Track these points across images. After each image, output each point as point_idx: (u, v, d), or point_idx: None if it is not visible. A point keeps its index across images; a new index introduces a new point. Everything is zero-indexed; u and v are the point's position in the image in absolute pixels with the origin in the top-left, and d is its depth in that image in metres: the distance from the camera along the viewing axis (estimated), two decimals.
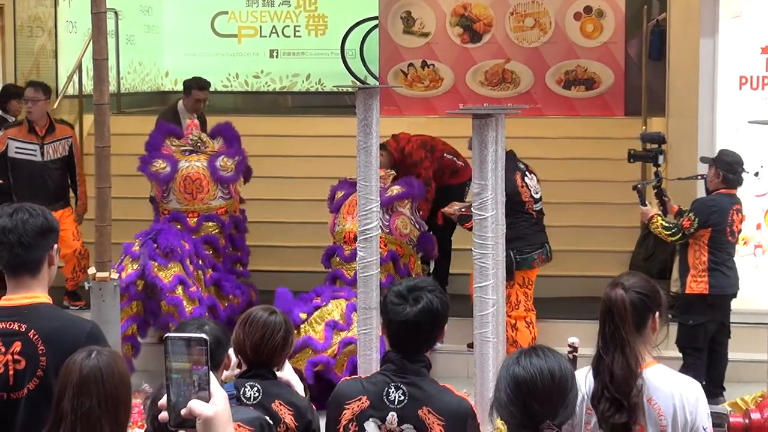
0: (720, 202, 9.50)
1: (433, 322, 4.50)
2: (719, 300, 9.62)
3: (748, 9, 11.06)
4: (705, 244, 9.49)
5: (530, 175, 9.85)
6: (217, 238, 10.54)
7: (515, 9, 14.93)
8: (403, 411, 4.38)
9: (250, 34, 17.99)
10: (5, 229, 4.87)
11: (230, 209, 10.71)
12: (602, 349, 4.63)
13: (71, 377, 4.13)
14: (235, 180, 10.71)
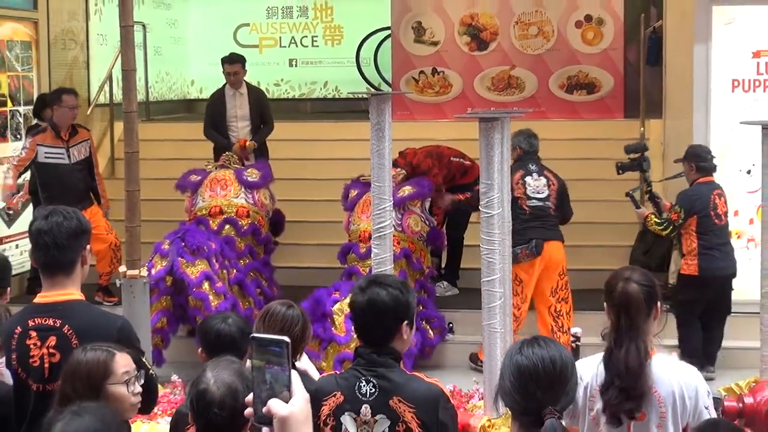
0: (700, 190, 9.88)
1: (379, 314, 4.40)
2: (709, 281, 9.86)
3: (740, 16, 11.05)
4: (694, 231, 9.82)
5: (538, 176, 9.85)
6: (235, 240, 10.53)
7: (520, 18, 14.93)
8: (374, 402, 4.35)
9: (270, 44, 18.00)
10: (41, 231, 4.89)
11: (253, 217, 10.71)
12: (615, 341, 4.64)
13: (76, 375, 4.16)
14: (259, 186, 10.73)
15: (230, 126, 11.82)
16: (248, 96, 12.00)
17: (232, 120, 11.86)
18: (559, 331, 9.59)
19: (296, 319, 5.44)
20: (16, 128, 12.42)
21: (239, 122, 11.81)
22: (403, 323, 4.44)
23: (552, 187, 9.84)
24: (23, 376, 4.92)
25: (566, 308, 9.88)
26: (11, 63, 12.36)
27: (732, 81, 11.02)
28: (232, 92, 11.99)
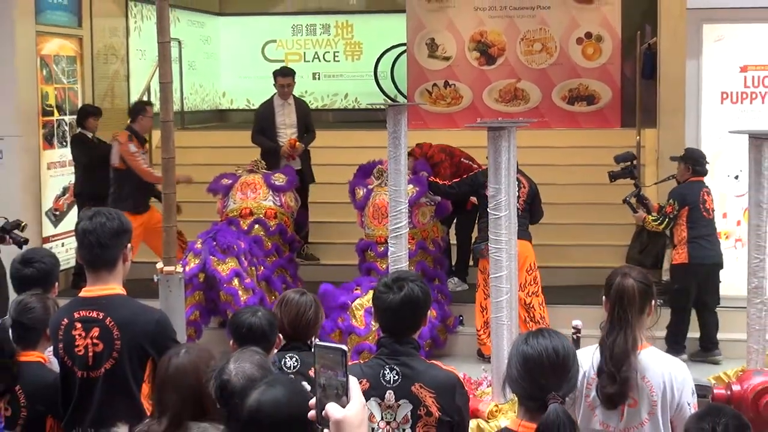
0: (691, 186, 10.02)
1: (414, 308, 4.45)
2: (698, 268, 9.96)
3: (728, 33, 11.03)
4: (684, 222, 9.93)
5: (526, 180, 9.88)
6: (263, 240, 10.57)
7: (525, 35, 14.92)
8: (398, 388, 4.36)
9: (295, 59, 18.00)
10: (86, 231, 4.91)
11: (280, 218, 10.75)
12: (608, 330, 4.67)
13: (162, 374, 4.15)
14: (285, 189, 10.78)
15: (279, 132, 11.86)
16: (295, 106, 12.09)
17: (281, 127, 11.91)
18: (531, 321, 9.68)
19: (309, 305, 5.56)
20: (62, 136, 12.45)
21: (287, 129, 11.88)
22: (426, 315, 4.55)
23: (522, 190, 9.79)
24: (69, 364, 4.93)
25: (538, 301, 9.99)
26: (58, 76, 12.39)
27: (721, 93, 11.02)
28: (281, 102, 12.05)
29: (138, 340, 4.74)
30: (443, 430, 4.39)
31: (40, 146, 11.94)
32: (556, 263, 11.15)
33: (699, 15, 11.01)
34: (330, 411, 2.65)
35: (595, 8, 14.76)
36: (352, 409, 2.66)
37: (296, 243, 11.25)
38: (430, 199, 10.56)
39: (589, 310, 8.71)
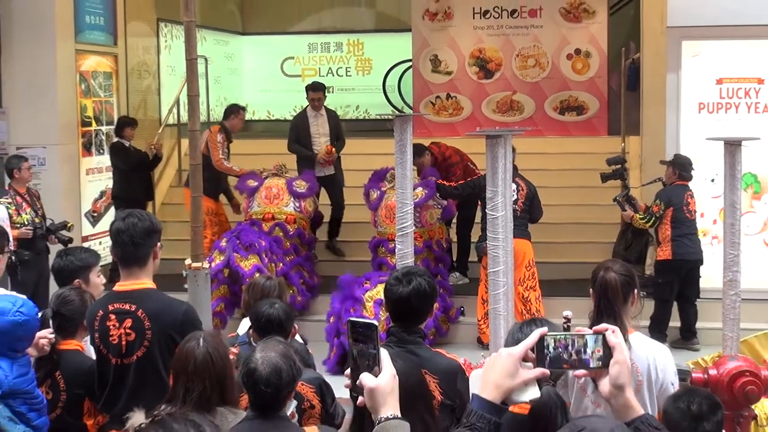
0: (676, 189, 10.06)
1: (422, 300, 4.48)
2: (681, 264, 10.02)
3: (705, 49, 11.03)
4: (669, 222, 9.96)
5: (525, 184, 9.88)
6: (282, 241, 10.61)
7: (520, 52, 14.91)
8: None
9: (311, 74, 17.99)
10: (120, 230, 4.92)
11: (299, 222, 10.79)
12: (595, 319, 4.63)
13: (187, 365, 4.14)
14: (306, 196, 10.82)
15: (313, 141, 11.89)
16: (327, 117, 12.11)
17: (315, 136, 11.93)
18: (527, 313, 9.66)
19: (273, 288, 5.86)
20: (99, 145, 12.48)
21: (321, 138, 11.92)
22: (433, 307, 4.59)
23: (521, 192, 9.84)
24: (104, 352, 4.94)
25: (534, 295, 10.00)
26: (95, 90, 12.42)
27: (698, 104, 11.02)
28: (314, 113, 12.09)
29: (167, 330, 4.74)
30: (445, 412, 4.38)
31: (80, 154, 11.98)
32: (549, 259, 11.13)
33: (678, 33, 11.02)
34: (364, 380, 2.65)
35: (583, 27, 14.75)
36: (383, 378, 2.66)
37: (314, 243, 11.28)
38: (437, 202, 10.61)
39: (578, 302, 8.66)
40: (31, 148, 11.33)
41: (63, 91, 11.60)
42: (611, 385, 2.59)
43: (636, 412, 2.62)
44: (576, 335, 2.59)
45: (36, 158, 11.08)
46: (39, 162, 10.87)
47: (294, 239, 10.78)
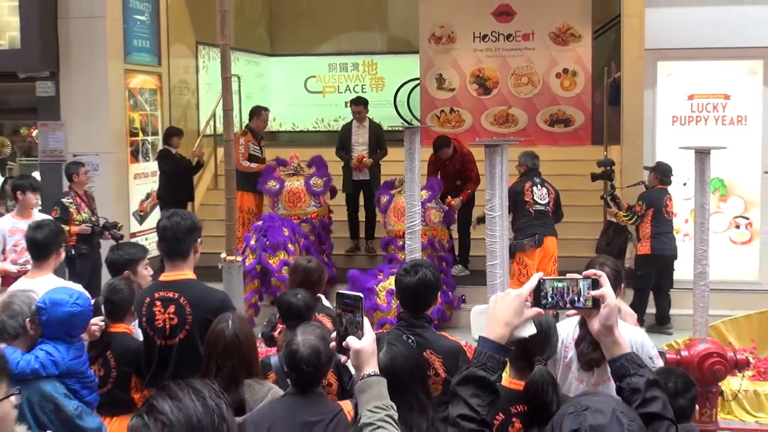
0: (657, 192, 10.04)
1: (427, 288, 4.48)
2: (659, 258, 9.98)
3: (678, 69, 11.02)
4: (649, 221, 9.94)
5: (541, 187, 9.87)
6: (308, 234, 10.69)
7: (515, 71, 14.92)
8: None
9: (331, 90, 18.02)
10: (165, 227, 4.94)
11: (321, 215, 10.88)
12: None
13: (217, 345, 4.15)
14: (323, 193, 10.86)
15: (353, 148, 11.94)
16: (369, 128, 12.09)
17: (354, 144, 11.97)
18: None
19: (314, 270, 5.87)
20: (145, 153, 12.50)
21: (359, 147, 11.95)
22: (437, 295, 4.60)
23: (551, 196, 9.87)
24: (150, 334, 4.96)
25: None
26: (142, 105, 12.45)
27: (672, 117, 11.01)
28: (357, 125, 12.11)
29: (206, 315, 4.74)
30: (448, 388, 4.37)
31: (128, 161, 12.01)
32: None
33: (654, 54, 11.00)
34: (351, 342, 2.74)
35: (570, 49, 14.73)
36: (366, 341, 2.76)
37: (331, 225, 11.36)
38: (439, 206, 10.61)
39: None
40: (85, 155, 11.35)
41: (114, 106, 11.62)
42: (601, 324, 2.60)
43: (623, 349, 2.62)
44: (569, 280, 2.60)
45: (90, 164, 11.09)
46: (92, 167, 10.90)
47: (319, 230, 10.92)
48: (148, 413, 2.14)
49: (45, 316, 4.62)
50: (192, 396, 2.18)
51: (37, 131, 12.13)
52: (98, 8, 11.40)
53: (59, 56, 11.44)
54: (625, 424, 2.15)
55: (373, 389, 2.75)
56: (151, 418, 2.13)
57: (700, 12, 10.86)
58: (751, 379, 8.13)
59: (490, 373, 2.58)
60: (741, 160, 10.79)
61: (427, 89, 15.29)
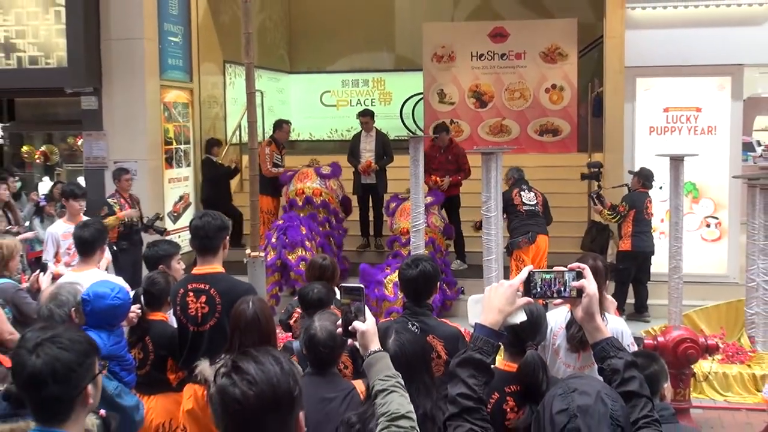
0: (639, 195, 10.03)
1: (427, 280, 4.49)
2: (638, 254, 9.98)
3: (655, 85, 11.03)
4: (630, 220, 9.92)
5: (527, 190, 9.88)
6: (317, 214, 10.76)
7: (508, 87, 14.91)
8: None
9: (344, 104, 18.02)
10: (197, 227, 4.98)
11: (325, 195, 10.84)
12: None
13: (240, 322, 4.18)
14: (329, 176, 10.96)
15: (362, 155, 11.93)
16: (376, 137, 12.06)
17: (363, 151, 11.96)
18: None
19: (328, 267, 5.90)
20: (178, 160, 12.53)
21: (366, 153, 11.93)
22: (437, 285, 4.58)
23: (538, 198, 9.88)
24: (184, 322, 4.99)
25: None
26: (175, 117, 12.47)
27: (649, 128, 11.02)
28: (365, 134, 12.10)
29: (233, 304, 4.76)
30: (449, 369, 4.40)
31: (163, 167, 12.03)
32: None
33: (633, 71, 11.01)
34: (357, 326, 2.88)
35: (558, 67, 14.72)
36: (369, 324, 2.89)
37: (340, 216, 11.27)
38: (441, 216, 10.65)
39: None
40: (125, 162, 11.38)
41: (150, 118, 11.65)
42: (583, 312, 2.61)
43: (603, 334, 2.63)
44: (556, 273, 2.61)
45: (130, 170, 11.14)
46: (131, 173, 10.94)
47: (321, 211, 10.83)
48: (235, 373, 2.24)
49: (89, 307, 4.64)
50: (272, 361, 2.28)
51: (81, 140, 12.17)
52: (137, 31, 11.43)
53: (102, 73, 11.47)
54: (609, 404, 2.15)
55: (381, 362, 2.88)
56: (238, 377, 2.22)
57: (674, 33, 10.87)
58: (720, 363, 8.13)
59: (485, 356, 2.59)
60: (711, 166, 10.79)
61: (429, 103, 15.28)
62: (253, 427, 2.23)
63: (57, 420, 2.59)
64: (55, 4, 11.33)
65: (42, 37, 11.42)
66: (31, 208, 10.94)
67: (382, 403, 2.76)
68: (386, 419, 2.70)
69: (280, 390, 2.24)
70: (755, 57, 10.87)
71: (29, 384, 2.57)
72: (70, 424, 2.60)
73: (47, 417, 2.60)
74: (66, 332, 2.68)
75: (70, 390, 2.58)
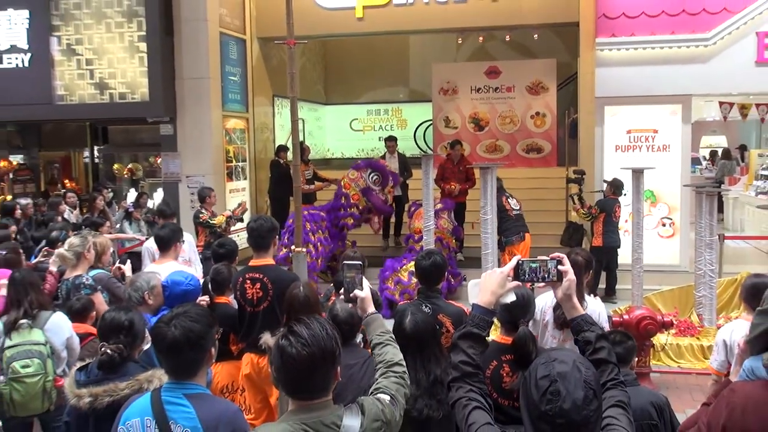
0: (609, 201, 9.88)
1: (438, 269, 4.46)
2: (608, 249, 9.90)
3: (620, 111, 10.97)
4: (601, 221, 9.80)
5: (511, 197, 9.82)
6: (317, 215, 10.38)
7: (500, 114, 14.85)
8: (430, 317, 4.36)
9: (369, 129, 18.03)
10: (253, 228, 5.00)
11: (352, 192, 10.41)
12: None
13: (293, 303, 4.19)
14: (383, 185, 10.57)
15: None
16: (398, 158, 11.93)
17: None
18: None
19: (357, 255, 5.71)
20: (237, 174, 12.59)
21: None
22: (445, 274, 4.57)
23: (519, 203, 9.80)
24: (243, 304, 5.00)
25: None
26: (234, 140, 12.53)
27: (615, 146, 10.97)
28: (389, 155, 11.98)
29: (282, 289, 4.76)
30: None
31: (225, 180, 12.09)
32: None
33: (602, 101, 10.97)
34: (357, 293, 3.00)
35: (541, 98, 14.65)
36: (366, 291, 3.01)
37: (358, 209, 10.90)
38: (451, 220, 10.57)
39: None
40: (194, 176, 11.47)
41: (214, 141, 11.72)
42: (563, 293, 2.57)
43: (579, 311, 2.59)
44: (541, 261, 2.59)
45: (198, 182, 11.21)
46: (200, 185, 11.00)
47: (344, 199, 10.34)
48: (292, 336, 2.35)
49: (167, 292, 4.67)
50: (319, 326, 2.38)
51: (160, 159, 12.26)
52: (204, 71, 11.51)
53: (176, 106, 11.56)
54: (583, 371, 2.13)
55: (377, 322, 2.98)
56: (294, 338, 2.33)
57: (635, 70, 10.82)
58: (674, 336, 8.06)
59: (481, 330, 2.57)
60: (666, 177, 10.72)
61: (437, 127, 15.26)
62: (304, 377, 2.32)
63: (189, 375, 2.69)
64: (139, 51, 11.42)
65: (129, 77, 11.52)
66: (121, 214, 11.03)
67: (380, 353, 2.85)
68: (384, 366, 2.78)
69: (325, 349, 2.33)
70: (701, 88, 10.81)
71: (170, 350, 2.66)
72: (198, 378, 2.72)
73: (182, 374, 2.69)
74: (193, 308, 2.78)
75: (200, 353, 2.69)
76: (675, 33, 10.67)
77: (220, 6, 11.90)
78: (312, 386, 2.34)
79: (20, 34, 11.61)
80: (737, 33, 10.54)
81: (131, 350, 3.47)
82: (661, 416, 3.51)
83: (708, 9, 10.61)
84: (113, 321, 3.46)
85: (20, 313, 4.59)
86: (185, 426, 2.59)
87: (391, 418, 2.52)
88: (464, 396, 2.43)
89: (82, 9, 11.56)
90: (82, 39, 11.57)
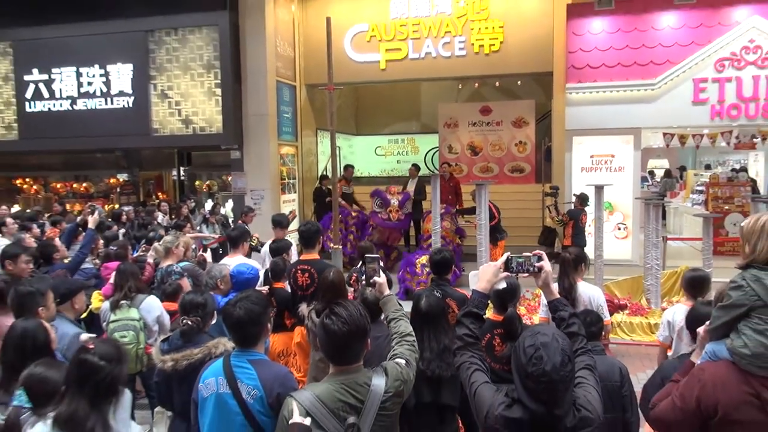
0: (577, 211, 9.64)
1: (447, 262, 4.39)
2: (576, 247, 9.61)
3: (586, 140, 10.88)
4: (571, 226, 9.61)
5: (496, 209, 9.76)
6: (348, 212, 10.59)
7: (491, 143, 14.72)
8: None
9: (390, 154, 17.94)
10: (303, 231, 5.01)
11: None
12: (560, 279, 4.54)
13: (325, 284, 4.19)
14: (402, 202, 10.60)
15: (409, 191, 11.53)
16: (417, 180, 11.68)
17: (409, 189, 11.54)
18: None
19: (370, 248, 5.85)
20: (288, 189, 12.62)
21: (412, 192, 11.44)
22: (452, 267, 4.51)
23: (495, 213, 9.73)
24: (295, 289, 5.00)
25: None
26: (287, 162, 12.58)
27: (581, 167, 10.87)
28: (411, 179, 11.76)
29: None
30: None
31: (279, 193, 12.14)
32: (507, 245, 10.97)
33: (571, 132, 10.90)
34: (376, 279, 3.00)
35: (523, 130, 14.56)
36: (383, 278, 3.01)
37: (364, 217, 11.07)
38: (454, 223, 10.52)
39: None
40: (257, 190, 11.54)
41: (272, 163, 11.79)
42: (542, 281, 2.58)
43: (555, 295, 2.59)
44: (525, 257, 2.59)
45: (259, 195, 11.30)
46: (261, 196, 11.07)
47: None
48: (332, 315, 2.38)
49: (234, 279, 4.71)
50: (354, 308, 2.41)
51: (231, 177, 12.36)
52: (263, 109, 11.60)
53: (243, 136, 11.66)
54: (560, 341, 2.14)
55: (392, 301, 2.97)
56: (335, 317, 2.37)
57: (597, 108, 10.74)
58: (627, 315, 7.98)
59: (480, 310, 2.58)
60: (621, 192, 10.62)
61: (442, 153, 15.20)
62: (343, 347, 2.37)
63: (251, 345, 2.75)
64: (215, 95, 11.55)
65: (207, 114, 11.66)
66: (200, 219, 11.15)
67: (395, 326, 2.86)
68: (398, 336, 2.79)
69: (359, 326, 2.38)
70: (649, 123, 10.70)
71: (236, 326, 2.73)
72: (258, 347, 2.78)
73: (246, 344, 2.75)
74: (254, 293, 2.84)
75: (259, 328, 2.74)
76: (628, 79, 10.60)
77: (276, 60, 12.00)
78: (349, 355, 2.38)
79: (126, 83, 11.81)
80: (677, 79, 10.45)
81: (204, 324, 3.51)
82: (622, 378, 3.48)
83: (655, 61, 10.55)
84: (192, 301, 3.52)
85: (121, 295, 4.68)
86: (249, 384, 2.65)
87: (407, 377, 2.54)
88: (467, 360, 2.45)
89: (173, 63, 11.74)
90: (172, 86, 11.74)
